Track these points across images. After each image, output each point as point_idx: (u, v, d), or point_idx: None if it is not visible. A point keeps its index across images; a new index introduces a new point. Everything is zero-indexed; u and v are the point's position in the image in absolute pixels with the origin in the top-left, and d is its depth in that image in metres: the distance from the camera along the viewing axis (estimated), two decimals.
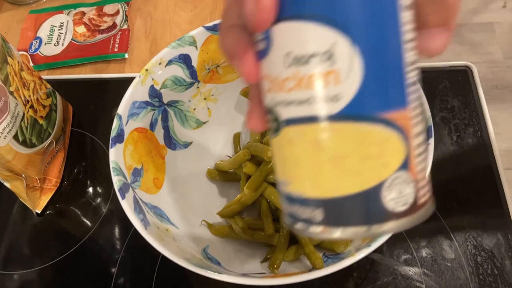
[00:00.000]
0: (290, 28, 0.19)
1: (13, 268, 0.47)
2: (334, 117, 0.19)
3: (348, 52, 0.19)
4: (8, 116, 0.42)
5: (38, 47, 0.63)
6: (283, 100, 0.20)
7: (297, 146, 0.20)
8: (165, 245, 0.33)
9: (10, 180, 0.46)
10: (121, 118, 0.39)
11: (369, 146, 0.20)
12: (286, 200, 0.22)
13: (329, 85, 0.19)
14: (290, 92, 0.20)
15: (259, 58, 0.21)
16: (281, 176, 0.22)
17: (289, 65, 0.19)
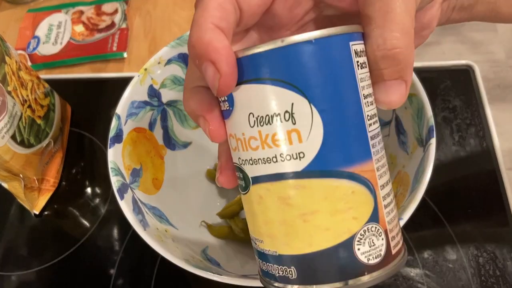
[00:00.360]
0: (250, 90, 0.20)
1: (11, 269, 0.46)
2: (299, 174, 0.20)
3: (307, 111, 0.19)
4: (5, 116, 0.42)
5: (36, 46, 0.63)
6: (249, 159, 0.21)
7: (266, 203, 0.21)
8: (164, 246, 0.33)
9: (8, 181, 0.46)
10: (119, 118, 0.39)
11: (336, 201, 0.20)
12: (260, 258, 0.22)
13: (292, 143, 0.19)
14: (256, 151, 0.20)
15: (224, 118, 0.22)
16: (253, 233, 0.22)
17: (253, 125, 0.20)
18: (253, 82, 0.20)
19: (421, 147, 0.34)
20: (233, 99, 0.21)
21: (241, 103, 0.20)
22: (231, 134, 0.22)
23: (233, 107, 0.21)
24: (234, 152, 0.22)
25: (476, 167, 0.47)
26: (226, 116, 0.22)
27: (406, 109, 0.37)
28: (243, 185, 0.22)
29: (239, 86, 0.20)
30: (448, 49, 0.57)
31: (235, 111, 0.21)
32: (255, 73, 0.20)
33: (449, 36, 0.58)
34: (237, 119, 0.21)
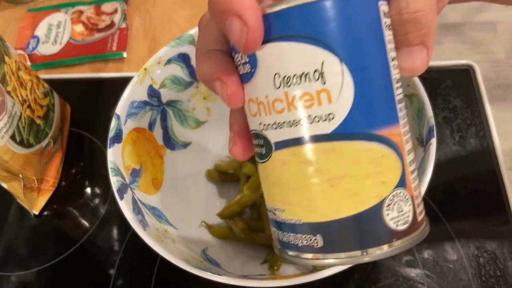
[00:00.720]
0: (277, 48, 0.19)
1: (11, 270, 0.46)
2: (328, 136, 0.19)
3: (337, 70, 0.19)
4: (5, 116, 0.42)
5: (35, 46, 0.63)
6: (273, 123, 0.20)
7: (291, 169, 0.20)
8: (164, 246, 0.33)
9: (7, 181, 0.46)
10: (119, 118, 0.39)
11: (366, 165, 0.19)
12: (280, 228, 0.22)
13: (321, 104, 0.19)
14: (281, 114, 0.20)
15: (243, 82, 0.21)
16: (272, 203, 0.22)
17: (279, 86, 0.19)
18: (280, 40, 0.19)
19: (422, 147, 0.34)
20: (256, 59, 0.20)
21: (265, 63, 0.19)
22: (251, 99, 0.21)
23: (255, 69, 0.20)
24: (253, 118, 0.21)
25: (477, 167, 0.47)
26: (245, 80, 0.21)
27: (406, 109, 0.37)
28: (263, 152, 0.21)
29: (264, 45, 0.19)
30: (448, 49, 0.57)
31: (258, 73, 0.20)
32: (283, 30, 0.19)
33: (450, 36, 0.58)
34: (260, 81, 0.20)
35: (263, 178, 0.22)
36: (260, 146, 0.21)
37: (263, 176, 0.22)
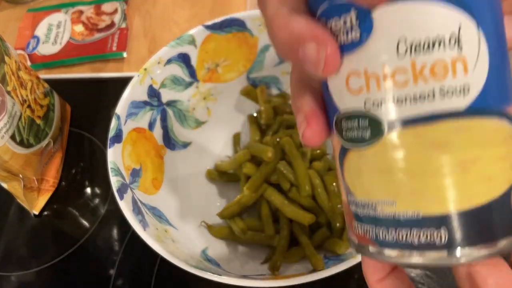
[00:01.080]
0: (405, 9, 0.16)
1: (11, 270, 0.46)
2: (462, 113, 0.17)
3: (474, 36, 0.16)
4: (5, 116, 0.42)
5: (35, 46, 0.63)
6: (391, 97, 0.17)
7: (412, 152, 0.17)
8: (164, 246, 0.33)
9: (8, 181, 0.46)
10: (119, 118, 0.39)
11: (498, 146, 0.17)
12: (381, 225, 0.18)
13: (456, 75, 0.16)
14: (404, 87, 0.17)
15: (344, 51, 0.18)
16: (372, 195, 0.18)
17: (404, 54, 0.17)
18: (406, 1, 0.16)
19: None
20: (372, 23, 0.17)
21: (386, 27, 0.17)
22: (354, 72, 0.18)
23: (369, 35, 0.17)
24: (352, 95, 0.18)
25: None
26: (347, 50, 0.18)
27: None
28: (366, 135, 0.18)
29: (385, 5, 0.16)
30: None
31: (372, 39, 0.17)
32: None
33: None
34: (375, 48, 0.17)
35: (357, 167, 0.19)
36: (360, 129, 0.18)
37: (358, 164, 0.19)
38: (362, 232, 0.19)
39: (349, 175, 0.19)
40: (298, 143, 0.42)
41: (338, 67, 0.18)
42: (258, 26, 0.43)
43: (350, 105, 0.18)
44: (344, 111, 0.18)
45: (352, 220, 0.20)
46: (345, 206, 0.20)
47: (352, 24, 0.17)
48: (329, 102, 0.19)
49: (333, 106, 0.19)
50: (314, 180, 0.40)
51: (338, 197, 0.39)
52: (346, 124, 0.18)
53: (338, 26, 0.18)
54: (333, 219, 0.39)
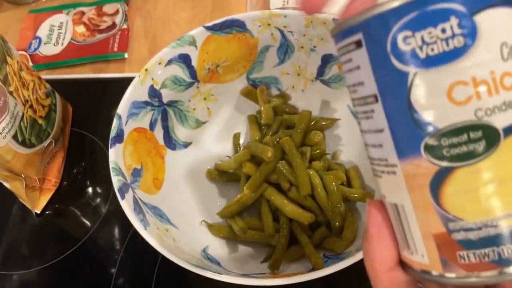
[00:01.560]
0: (505, 14, 0.16)
1: (12, 269, 0.47)
2: None
3: None
4: (7, 116, 0.42)
5: (37, 47, 0.63)
6: (501, 103, 0.17)
7: None
8: (165, 245, 0.33)
9: (10, 180, 0.46)
10: (120, 118, 0.39)
11: None
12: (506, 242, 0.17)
13: None
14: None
15: (444, 62, 0.17)
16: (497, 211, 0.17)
17: (507, 57, 0.16)
18: (506, 5, 0.16)
19: None
20: (476, 29, 0.16)
21: (489, 33, 0.16)
22: (461, 81, 0.17)
23: (474, 41, 0.16)
24: (460, 107, 0.17)
25: None
26: (450, 58, 0.17)
27: None
28: (481, 147, 0.17)
29: (487, 10, 0.16)
30: None
31: (477, 45, 0.16)
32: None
33: None
34: (481, 55, 0.16)
35: (468, 186, 0.17)
36: (471, 142, 0.17)
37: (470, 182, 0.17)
38: (476, 258, 0.18)
39: (454, 199, 0.18)
40: (298, 143, 0.43)
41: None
42: (258, 27, 0.43)
43: (455, 118, 0.17)
44: (447, 127, 0.17)
45: (455, 250, 0.18)
46: (439, 239, 0.18)
47: (454, 31, 0.16)
48: (408, 127, 0.18)
49: (423, 128, 0.17)
50: (313, 179, 0.40)
51: (337, 197, 0.39)
52: (449, 141, 0.17)
53: (433, 36, 0.17)
54: (332, 219, 0.39)
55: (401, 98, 0.17)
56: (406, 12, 0.17)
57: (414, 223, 0.19)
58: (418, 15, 0.17)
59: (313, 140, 0.43)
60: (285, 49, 0.45)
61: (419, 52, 0.17)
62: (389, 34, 0.17)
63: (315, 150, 0.43)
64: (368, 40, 0.18)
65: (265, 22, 0.43)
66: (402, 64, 0.17)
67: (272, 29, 0.43)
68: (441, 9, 0.16)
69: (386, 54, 0.17)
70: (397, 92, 0.18)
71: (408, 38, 0.17)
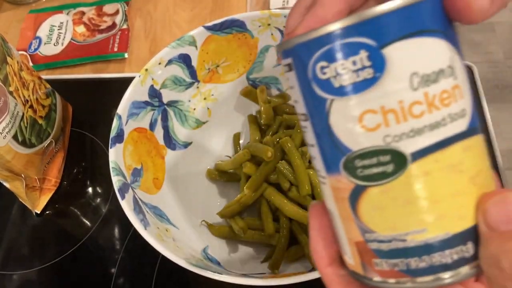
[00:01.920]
0: (415, 45, 0.17)
1: (13, 268, 0.47)
2: (465, 133, 0.18)
3: (460, 64, 0.19)
4: (7, 116, 0.42)
5: (37, 47, 0.63)
6: (409, 130, 0.18)
7: (435, 178, 0.18)
8: (165, 245, 0.33)
9: (10, 180, 0.46)
10: (120, 118, 0.39)
11: (486, 157, 0.20)
12: (413, 255, 0.19)
13: (456, 100, 0.18)
14: (421, 118, 0.18)
15: (354, 92, 0.18)
16: (401, 228, 0.19)
17: (417, 87, 0.18)
18: (415, 36, 0.17)
19: None
20: (384, 60, 0.17)
21: (398, 64, 0.17)
22: (369, 110, 0.18)
23: (382, 71, 0.17)
24: (370, 133, 0.18)
25: None
26: (361, 88, 0.18)
27: None
28: (389, 170, 0.18)
29: (395, 43, 0.17)
30: None
31: (386, 76, 0.17)
32: (419, 25, 0.17)
33: None
34: (389, 85, 0.17)
35: (379, 203, 0.19)
36: (381, 164, 0.18)
37: (381, 200, 0.19)
38: (388, 267, 0.19)
39: (369, 214, 0.19)
40: (298, 143, 0.43)
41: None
42: (258, 27, 0.43)
43: (366, 143, 0.18)
44: (359, 150, 0.18)
45: (371, 258, 0.20)
46: (359, 247, 0.20)
47: (364, 63, 0.18)
48: (330, 147, 0.19)
49: (341, 148, 0.19)
50: (313, 179, 0.40)
51: None
52: (362, 162, 0.19)
53: (346, 68, 0.18)
54: None
55: (323, 121, 0.19)
56: (323, 44, 0.18)
57: (342, 230, 0.21)
58: (332, 48, 0.18)
59: None
60: None
61: (334, 82, 0.18)
62: (310, 62, 0.19)
63: None
64: (296, 65, 0.19)
65: (265, 22, 0.43)
66: (321, 91, 0.19)
67: (272, 29, 0.43)
68: (352, 42, 0.17)
69: (309, 80, 0.19)
70: (319, 115, 0.19)
71: (324, 68, 0.18)
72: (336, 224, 0.21)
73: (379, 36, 0.17)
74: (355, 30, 0.17)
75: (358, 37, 0.17)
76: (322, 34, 0.18)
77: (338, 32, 0.18)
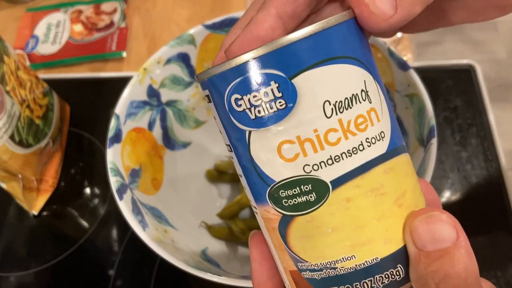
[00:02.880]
0: (325, 73, 0.17)
1: (9, 270, 0.46)
2: (385, 156, 0.18)
3: (375, 87, 0.19)
4: (4, 116, 0.41)
5: (34, 45, 0.62)
6: (327, 158, 0.18)
7: (358, 204, 0.18)
8: (164, 246, 0.33)
9: (6, 181, 0.46)
10: (118, 118, 0.38)
11: (412, 176, 0.20)
12: (344, 283, 0.19)
13: (373, 124, 0.18)
14: (337, 145, 0.18)
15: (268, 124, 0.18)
16: (329, 256, 0.19)
17: (330, 114, 0.17)
18: (325, 64, 0.17)
19: (422, 147, 0.34)
20: (295, 90, 0.17)
21: (309, 93, 0.17)
22: (288, 140, 0.18)
23: (295, 103, 0.17)
24: (289, 163, 0.18)
25: (478, 167, 0.47)
26: (275, 119, 0.18)
27: (407, 109, 0.37)
28: (311, 199, 0.18)
29: (304, 72, 0.17)
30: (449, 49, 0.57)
31: (299, 106, 0.17)
32: (328, 53, 0.17)
33: (451, 36, 0.58)
34: (303, 114, 0.17)
35: (306, 233, 0.18)
36: (303, 194, 0.18)
37: (307, 229, 0.18)
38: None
39: (297, 243, 0.19)
40: None
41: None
42: None
43: (287, 173, 0.18)
44: (281, 180, 0.18)
45: (307, 287, 0.20)
46: (294, 276, 0.20)
47: (275, 95, 0.17)
48: (255, 178, 0.19)
49: (265, 179, 0.19)
50: None
51: None
52: (286, 193, 0.18)
53: (258, 100, 0.18)
54: None
55: (245, 152, 0.19)
56: (235, 76, 0.18)
57: (277, 259, 0.21)
58: (243, 80, 0.18)
59: None
60: None
61: (249, 113, 0.18)
62: (225, 94, 0.18)
63: None
64: (214, 97, 0.19)
65: None
66: (238, 123, 0.18)
67: None
68: (262, 74, 0.17)
69: (227, 112, 0.19)
70: (241, 146, 0.19)
71: (239, 100, 0.18)
72: (273, 254, 0.21)
73: (288, 67, 0.17)
74: (265, 61, 0.17)
75: (268, 68, 0.17)
76: (233, 66, 0.18)
77: (248, 64, 0.17)
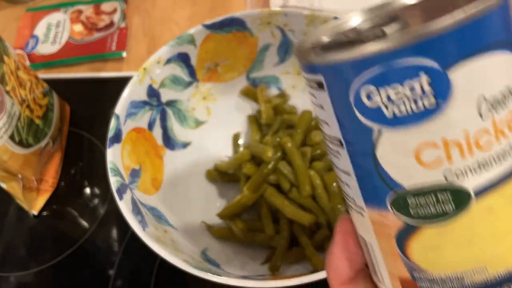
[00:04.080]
0: (482, 64, 0.15)
1: (9, 270, 0.46)
2: None
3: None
4: (4, 115, 0.41)
5: (34, 45, 0.62)
6: (477, 163, 0.15)
7: (500, 213, 0.16)
8: (164, 246, 0.33)
9: (6, 181, 0.46)
10: (118, 118, 0.38)
11: None
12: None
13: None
14: (488, 149, 0.15)
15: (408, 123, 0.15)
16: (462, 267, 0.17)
17: (485, 113, 0.15)
18: (482, 52, 0.14)
19: None
20: (450, 86, 0.14)
21: (465, 87, 0.15)
22: (429, 142, 0.15)
23: (446, 100, 0.15)
24: (430, 169, 0.16)
25: None
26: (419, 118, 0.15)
27: None
28: (449, 209, 0.16)
29: (460, 65, 0.14)
30: None
31: (451, 104, 0.15)
32: (485, 39, 0.14)
33: None
34: (454, 114, 0.15)
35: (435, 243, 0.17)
36: (440, 203, 0.16)
37: (437, 240, 0.17)
38: None
39: (419, 253, 0.17)
40: (299, 143, 0.42)
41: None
42: (258, 26, 0.43)
43: (423, 180, 0.16)
44: (413, 187, 0.16)
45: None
46: (405, 284, 0.18)
47: (424, 90, 0.15)
48: (374, 180, 0.17)
49: (388, 183, 0.16)
50: (314, 180, 0.40)
51: (338, 197, 0.39)
52: (416, 201, 0.16)
53: (400, 95, 0.15)
54: (333, 219, 0.39)
55: (366, 151, 0.16)
56: (369, 65, 0.15)
57: (382, 262, 0.19)
58: (383, 70, 0.15)
59: (314, 140, 0.43)
60: (286, 48, 0.45)
61: (384, 110, 0.15)
62: (351, 86, 0.15)
63: (316, 150, 0.43)
64: (330, 85, 0.16)
65: (265, 20, 0.42)
66: (366, 119, 0.16)
67: (273, 27, 0.43)
68: (410, 64, 0.14)
69: (349, 105, 0.16)
70: (362, 144, 0.16)
71: (371, 94, 0.15)
72: (371, 254, 0.19)
73: (443, 56, 0.14)
74: (415, 49, 0.14)
75: (417, 57, 0.14)
76: (369, 53, 0.15)
77: (391, 51, 0.14)
